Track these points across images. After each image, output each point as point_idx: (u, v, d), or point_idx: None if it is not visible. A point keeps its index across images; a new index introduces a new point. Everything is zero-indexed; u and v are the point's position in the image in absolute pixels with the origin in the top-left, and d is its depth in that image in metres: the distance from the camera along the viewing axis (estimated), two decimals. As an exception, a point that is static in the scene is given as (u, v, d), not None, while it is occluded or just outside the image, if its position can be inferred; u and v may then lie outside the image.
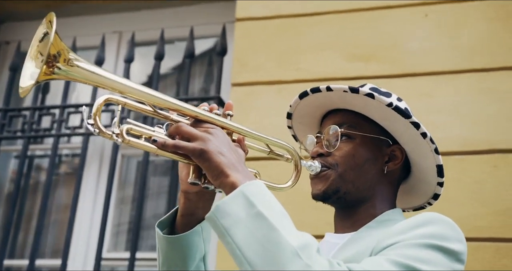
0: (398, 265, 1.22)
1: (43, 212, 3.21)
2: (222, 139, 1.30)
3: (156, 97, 1.32)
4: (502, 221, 2.52)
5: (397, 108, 1.49)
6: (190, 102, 3.24)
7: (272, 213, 1.19)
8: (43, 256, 3.59)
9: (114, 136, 1.25)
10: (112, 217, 3.39)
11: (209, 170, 1.27)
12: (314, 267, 1.13)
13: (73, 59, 1.26)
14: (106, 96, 1.28)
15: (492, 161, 2.63)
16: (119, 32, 3.83)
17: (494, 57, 2.81)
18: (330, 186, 1.53)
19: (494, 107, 2.72)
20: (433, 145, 1.53)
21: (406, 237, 1.29)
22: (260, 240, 1.15)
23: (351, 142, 1.55)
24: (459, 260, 1.32)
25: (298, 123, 1.75)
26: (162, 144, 1.28)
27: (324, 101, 1.62)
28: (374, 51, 2.98)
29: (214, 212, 1.21)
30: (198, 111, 1.34)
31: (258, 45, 3.16)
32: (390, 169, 1.57)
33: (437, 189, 1.63)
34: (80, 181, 3.25)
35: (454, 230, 1.34)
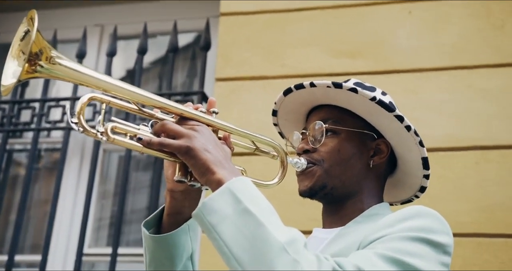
0: (386, 259, 1.22)
1: (22, 207, 3.16)
2: (208, 136, 1.30)
3: (140, 95, 1.31)
4: (484, 217, 2.55)
5: (381, 102, 1.49)
6: (173, 97, 3.25)
7: (259, 209, 1.18)
8: (23, 252, 3.54)
9: (99, 134, 1.24)
10: (93, 212, 3.35)
11: (195, 167, 1.27)
12: (302, 262, 1.13)
13: (55, 56, 1.24)
14: (90, 94, 1.27)
15: (475, 157, 2.66)
16: (101, 26, 3.78)
17: (478, 55, 2.84)
18: (316, 182, 1.54)
19: (477, 105, 2.75)
20: (417, 137, 1.54)
21: (393, 230, 1.29)
22: (247, 237, 1.14)
23: (336, 137, 1.56)
24: (446, 253, 1.32)
25: (283, 120, 1.75)
26: (148, 142, 1.27)
27: (308, 97, 1.62)
28: (359, 48, 2.99)
29: (200, 209, 1.20)
30: (183, 109, 1.34)
31: (242, 40, 3.15)
32: (375, 163, 1.57)
33: (423, 181, 1.64)
34: (61, 175, 3.20)
35: (441, 223, 1.35)
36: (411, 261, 1.23)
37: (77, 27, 3.67)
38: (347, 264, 1.19)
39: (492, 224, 2.54)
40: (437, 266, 1.28)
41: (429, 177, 1.63)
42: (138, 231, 2.81)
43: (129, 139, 1.28)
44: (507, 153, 2.64)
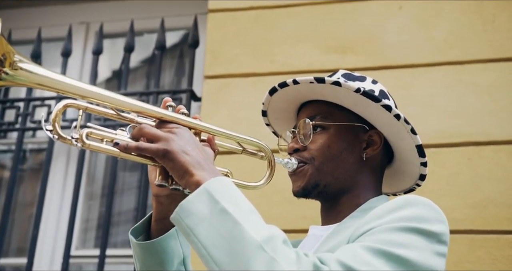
0: (373, 251, 1.17)
1: (7, 208, 3.09)
2: (187, 138, 1.27)
3: (117, 99, 1.28)
4: (476, 213, 2.53)
5: (365, 93, 1.46)
6: (161, 96, 3.20)
7: (237, 208, 1.15)
8: (7, 255, 3.46)
9: (73, 141, 1.21)
10: (80, 214, 3.29)
11: (173, 170, 1.24)
12: (279, 260, 1.08)
13: (17, 61, 1.18)
14: (65, 101, 1.24)
15: (467, 153, 2.64)
16: (86, 23, 3.72)
17: (469, 50, 2.81)
18: (308, 181, 1.50)
19: (469, 100, 2.73)
20: (408, 125, 1.50)
21: (382, 221, 1.25)
22: (225, 237, 1.11)
23: (325, 133, 1.52)
24: (441, 242, 1.27)
25: (274, 119, 1.72)
26: (125, 146, 1.24)
27: (294, 94, 1.59)
28: (349, 43, 2.96)
29: (178, 212, 1.17)
30: (162, 112, 1.31)
31: (231, 37, 3.11)
32: (369, 155, 1.53)
33: (422, 169, 1.59)
34: (46, 176, 3.14)
35: (434, 211, 1.30)
36: (400, 252, 1.18)
37: (62, 25, 3.61)
38: (329, 259, 1.14)
39: (485, 221, 2.51)
40: (431, 256, 1.23)
41: (427, 164, 1.58)
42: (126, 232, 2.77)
43: (105, 144, 1.25)
44: (500, 149, 2.62)
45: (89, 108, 1.26)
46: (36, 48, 3.39)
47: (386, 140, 1.56)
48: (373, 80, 1.62)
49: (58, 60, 3.43)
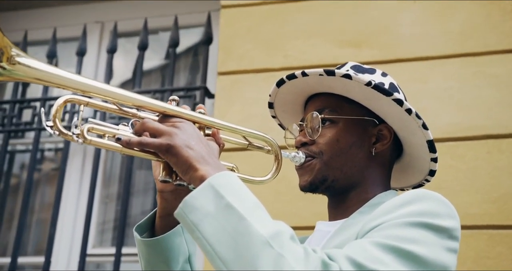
0: (382, 247, 1.13)
1: (24, 208, 3.11)
2: (191, 132, 1.23)
3: (118, 94, 1.24)
4: (496, 208, 2.46)
5: (377, 87, 1.42)
6: (175, 93, 3.19)
7: (242, 203, 1.11)
8: (26, 254, 3.49)
9: (74, 136, 1.19)
10: (97, 214, 3.30)
11: (177, 165, 1.20)
12: (287, 255, 1.05)
13: (15, 55, 1.16)
14: (66, 96, 1.21)
15: (486, 147, 2.57)
16: (101, 22, 3.73)
17: (486, 41, 2.75)
18: (316, 176, 1.47)
19: (487, 92, 2.66)
20: (419, 120, 1.45)
21: (392, 216, 1.21)
22: (230, 233, 1.07)
23: (334, 127, 1.48)
24: (452, 237, 1.23)
25: (281, 111, 1.68)
26: (127, 141, 1.21)
27: (303, 87, 1.55)
28: (363, 37, 2.91)
29: (181, 207, 1.14)
30: (165, 107, 1.28)
31: (243, 33, 3.08)
32: (378, 150, 1.49)
33: (432, 165, 1.56)
34: (63, 176, 3.16)
35: (445, 206, 1.26)
36: (410, 248, 1.14)
37: (77, 25, 3.63)
38: (338, 255, 1.11)
39: (505, 216, 2.45)
40: (442, 252, 1.19)
41: (438, 160, 1.54)
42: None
43: (107, 140, 1.22)
44: (519, 141, 2.55)
45: (90, 103, 1.23)
46: (51, 48, 3.41)
47: (395, 134, 1.52)
48: (382, 73, 1.58)
49: (73, 59, 3.44)
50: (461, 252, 2.40)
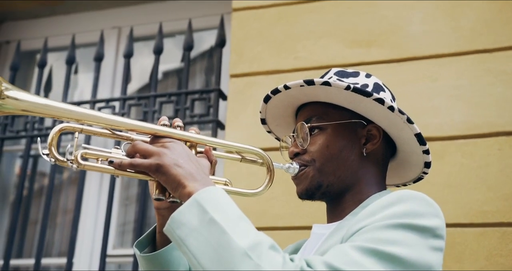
0: (362, 250, 1.16)
1: (46, 211, 3.20)
2: (179, 151, 1.29)
3: (109, 120, 1.32)
4: (508, 205, 2.45)
5: (356, 90, 1.46)
6: (190, 96, 3.25)
7: (224, 217, 1.16)
8: (51, 256, 3.59)
9: (69, 162, 1.26)
10: (117, 216, 3.38)
11: (167, 184, 1.27)
12: (264, 266, 1.09)
13: (4, 89, 1.21)
14: (61, 125, 1.28)
15: (497, 143, 2.56)
16: (118, 28, 3.80)
17: (497, 37, 2.72)
18: (311, 183, 1.52)
19: (498, 89, 2.64)
20: (403, 115, 1.49)
21: (374, 219, 1.24)
22: (214, 246, 1.12)
23: (323, 133, 1.53)
24: (436, 236, 1.25)
25: (275, 126, 1.74)
26: (119, 164, 1.28)
27: (289, 100, 1.61)
28: (373, 36, 2.92)
29: (169, 223, 1.19)
30: (155, 128, 1.34)
31: (254, 35, 3.12)
32: (369, 149, 1.53)
33: (425, 157, 1.59)
34: (83, 179, 3.24)
35: (428, 205, 1.29)
36: (391, 250, 1.17)
37: (95, 31, 3.71)
38: (316, 261, 1.14)
39: (517, 213, 2.44)
40: (425, 251, 1.22)
41: (429, 152, 1.58)
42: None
43: (101, 163, 1.28)
44: (531, 138, 2.53)
45: (85, 130, 1.30)
46: (70, 54, 3.49)
47: (386, 132, 1.56)
48: (366, 74, 1.62)
49: (92, 65, 3.53)
50: (473, 250, 2.41)
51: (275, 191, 2.68)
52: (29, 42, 3.89)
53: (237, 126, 2.95)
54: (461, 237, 2.43)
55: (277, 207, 2.75)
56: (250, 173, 2.65)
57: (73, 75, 3.70)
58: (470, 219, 2.47)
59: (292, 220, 2.70)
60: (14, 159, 3.86)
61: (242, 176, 2.69)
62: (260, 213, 2.72)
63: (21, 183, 3.31)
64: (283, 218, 2.73)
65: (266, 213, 2.74)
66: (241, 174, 2.72)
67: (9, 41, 3.94)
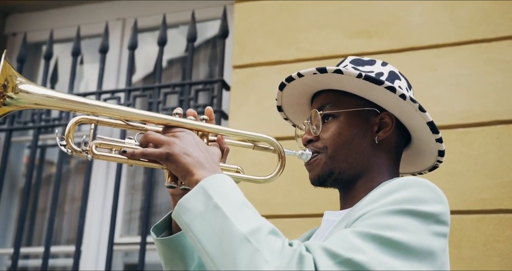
0: (362, 236, 1.17)
1: (55, 200, 3.27)
2: (189, 140, 1.33)
3: (122, 111, 1.36)
4: (506, 193, 2.50)
5: (368, 78, 1.47)
6: (194, 87, 3.30)
7: (228, 203, 1.20)
8: (60, 244, 3.67)
9: (84, 153, 1.31)
10: (123, 204, 3.44)
11: (177, 172, 1.32)
12: (263, 250, 1.12)
13: (18, 83, 1.25)
14: (77, 117, 1.33)
15: (495, 132, 2.60)
16: (122, 19, 3.84)
17: (496, 27, 2.76)
18: (323, 170, 1.54)
19: (497, 78, 2.68)
20: (415, 104, 1.50)
21: (376, 205, 1.25)
22: (217, 231, 1.17)
23: (335, 121, 1.55)
24: (440, 222, 1.26)
25: (291, 113, 1.76)
26: (131, 153, 1.33)
27: (303, 87, 1.63)
28: (374, 27, 2.95)
29: (176, 209, 1.24)
30: (168, 119, 1.38)
31: (257, 26, 3.15)
32: (381, 137, 1.54)
33: (438, 145, 1.59)
34: (90, 168, 3.30)
35: (432, 191, 1.29)
36: (391, 235, 1.17)
37: (99, 22, 3.75)
38: (314, 247, 1.16)
39: (515, 200, 2.49)
40: (427, 237, 1.22)
41: (442, 140, 1.58)
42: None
43: (115, 153, 1.33)
44: (529, 127, 2.58)
45: (100, 122, 1.35)
46: (75, 46, 3.54)
47: (399, 121, 1.57)
48: (383, 63, 1.62)
49: (97, 56, 3.57)
50: (471, 236, 2.47)
51: (279, 180, 2.73)
52: (35, 34, 3.94)
53: (240, 116, 3.00)
54: (459, 224, 2.49)
55: (280, 196, 2.81)
56: (254, 163, 2.70)
57: (79, 67, 3.75)
58: (468, 206, 2.52)
59: (295, 209, 2.76)
60: (22, 149, 3.93)
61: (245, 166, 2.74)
62: (263, 201, 2.78)
63: (29, 172, 3.38)
64: (287, 206, 2.79)
65: (269, 202, 2.80)
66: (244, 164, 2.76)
67: (16, 33, 3.99)
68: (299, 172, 2.20)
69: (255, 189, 2.77)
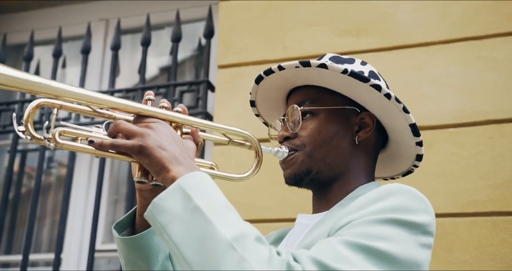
0: (351, 246, 1.11)
1: (34, 207, 3.16)
2: (164, 132, 1.23)
3: (90, 96, 1.24)
4: (499, 194, 2.42)
5: (353, 74, 1.40)
6: (179, 88, 3.21)
7: (210, 205, 1.10)
8: (40, 251, 3.56)
9: (46, 141, 1.19)
10: (105, 214, 3.33)
11: (150, 166, 1.20)
12: (249, 258, 1.03)
13: None
14: (38, 100, 1.20)
15: (488, 132, 2.53)
16: (105, 20, 3.75)
17: (487, 24, 2.69)
18: (300, 168, 1.46)
19: (488, 77, 2.61)
20: (400, 104, 1.43)
21: (363, 213, 1.19)
22: (197, 236, 1.07)
23: (315, 118, 1.48)
24: (426, 232, 1.21)
25: (264, 109, 1.68)
26: (100, 144, 1.20)
27: (281, 82, 1.55)
28: (363, 25, 2.88)
29: (150, 209, 1.13)
30: (139, 107, 1.27)
31: (242, 25, 3.08)
32: (361, 138, 1.48)
33: (418, 149, 1.53)
34: (71, 174, 3.20)
35: (419, 201, 1.24)
36: (380, 246, 1.12)
37: (82, 23, 3.65)
38: (303, 256, 1.09)
39: (508, 202, 2.40)
40: (414, 248, 1.17)
41: (422, 144, 1.52)
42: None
43: (80, 143, 1.22)
44: (522, 126, 2.50)
45: (64, 106, 1.22)
46: (57, 47, 3.44)
47: (379, 122, 1.50)
48: (362, 62, 1.56)
49: (80, 58, 3.48)
50: (464, 239, 2.38)
51: (263, 182, 2.65)
52: (16, 36, 3.84)
53: (225, 117, 2.91)
54: (452, 227, 2.40)
55: (265, 199, 2.71)
56: (238, 165, 2.61)
57: (61, 69, 3.66)
58: (460, 209, 2.44)
59: (280, 212, 2.67)
60: (2, 154, 3.82)
61: (230, 167, 2.65)
62: (248, 204, 2.69)
63: (8, 178, 3.26)
64: (271, 209, 2.70)
65: (253, 205, 2.71)
66: (229, 165, 2.68)
67: (-5, 35, 3.89)
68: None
69: (239, 191, 2.69)
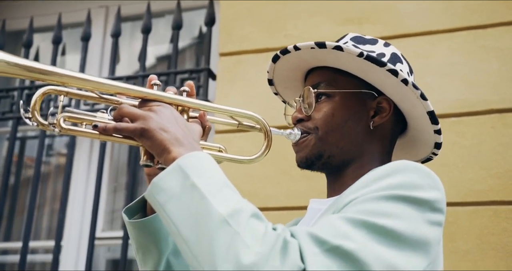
0: (353, 222, 1.08)
1: (34, 194, 3.15)
2: (167, 115, 1.22)
3: (95, 82, 1.24)
4: (501, 184, 2.42)
5: (369, 58, 1.36)
6: (180, 75, 3.19)
7: (207, 182, 1.09)
8: (39, 238, 3.55)
9: (51, 126, 1.20)
10: (105, 202, 3.33)
11: (152, 149, 1.20)
12: (243, 233, 1.02)
13: None
14: (45, 88, 1.21)
15: (490, 121, 2.52)
16: (105, 7, 3.72)
17: (490, 13, 2.67)
18: (311, 152, 1.43)
19: (491, 66, 2.60)
20: (417, 90, 1.39)
21: (368, 190, 1.16)
22: (192, 213, 1.06)
23: (330, 101, 1.44)
24: (435, 209, 1.17)
25: (283, 88, 1.64)
26: (103, 128, 1.21)
27: (298, 62, 1.51)
28: (365, 14, 2.86)
29: (150, 189, 1.13)
30: (145, 92, 1.27)
31: (244, 13, 3.05)
32: (377, 123, 1.44)
33: (436, 137, 1.50)
34: (71, 161, 3.18)
35: (427, 177, 1.20)
36: (384, 222, 1.08)
37: (81, 10, 3.62)
38: (300, 232, 1.06)
39: (510, 191, 2.40)
40: (421, 225, 1.13)
41: (441, 132, 1.48)
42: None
43: (85, 128, 1.22)
44: (525, 115, 2.49)
45: (70, 93, 1.23)
46: (57, 34, 3.41)
47: (397, 107, 1.46)
48: (385, 43, 1.51)
49: (80, 45, 3.45)
50: (465, 229, 2.38)
51: (268, 171, 2.64)
52: (15, 22, 3.81)
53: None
54: (453, 216, 2.40)
55: (269, 187, 2.71)
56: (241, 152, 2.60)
57: (61, 57, 3.63)
58: (462, 198, 2.44)
59: (284, 200, 2.66)
60: (1, 141, 3.80)
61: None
62: (252, 193, 2.69)
63: (7, 165, 3.25)
64: (275, 198, 2.69)
65: (257, 193, 2.70)
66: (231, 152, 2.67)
67: (-6, 21, 3.85)
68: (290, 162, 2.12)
69: (243, 179, 2.68)
